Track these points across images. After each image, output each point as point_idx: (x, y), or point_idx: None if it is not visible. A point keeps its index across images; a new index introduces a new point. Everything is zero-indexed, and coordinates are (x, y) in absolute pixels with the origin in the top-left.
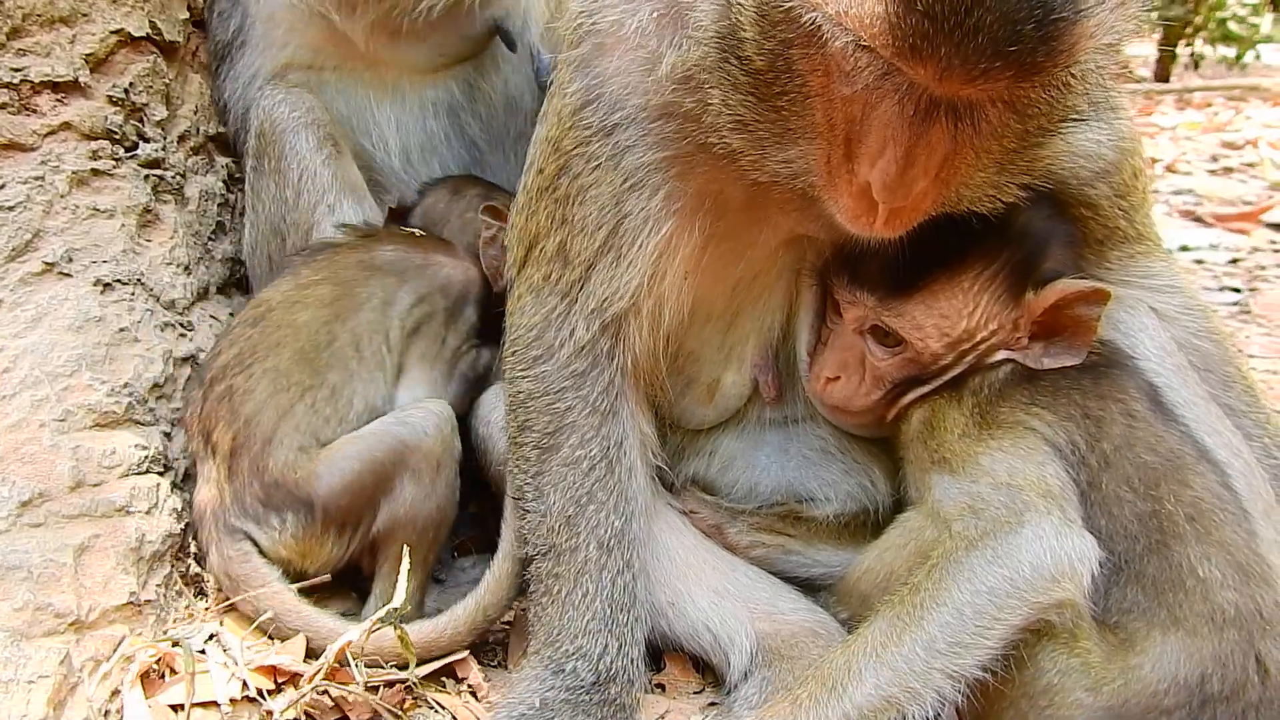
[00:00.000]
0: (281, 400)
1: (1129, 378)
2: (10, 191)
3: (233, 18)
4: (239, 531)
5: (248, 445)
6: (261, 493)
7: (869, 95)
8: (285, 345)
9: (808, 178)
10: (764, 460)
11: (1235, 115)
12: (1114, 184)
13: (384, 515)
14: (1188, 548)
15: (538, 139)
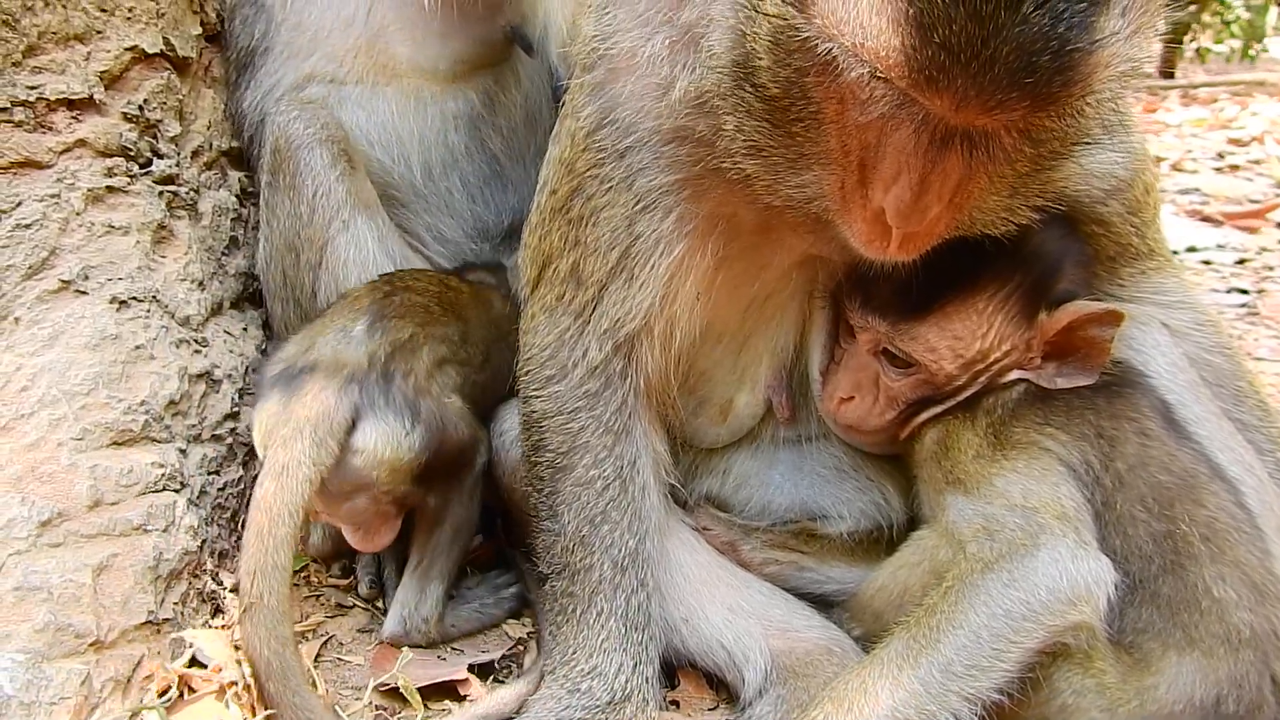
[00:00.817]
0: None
1: (1142, 396)
2: (26, 209)
3: (257, 24)
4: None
5: (424, 351)
6: (414, 394)
7: (884, 123)
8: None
9: (821, 202)
10: (778, 478)
11: (1241, 111)
12: (1126, 201)
13: (438, 496)
14: (1202, 568)
15: (551, 159)
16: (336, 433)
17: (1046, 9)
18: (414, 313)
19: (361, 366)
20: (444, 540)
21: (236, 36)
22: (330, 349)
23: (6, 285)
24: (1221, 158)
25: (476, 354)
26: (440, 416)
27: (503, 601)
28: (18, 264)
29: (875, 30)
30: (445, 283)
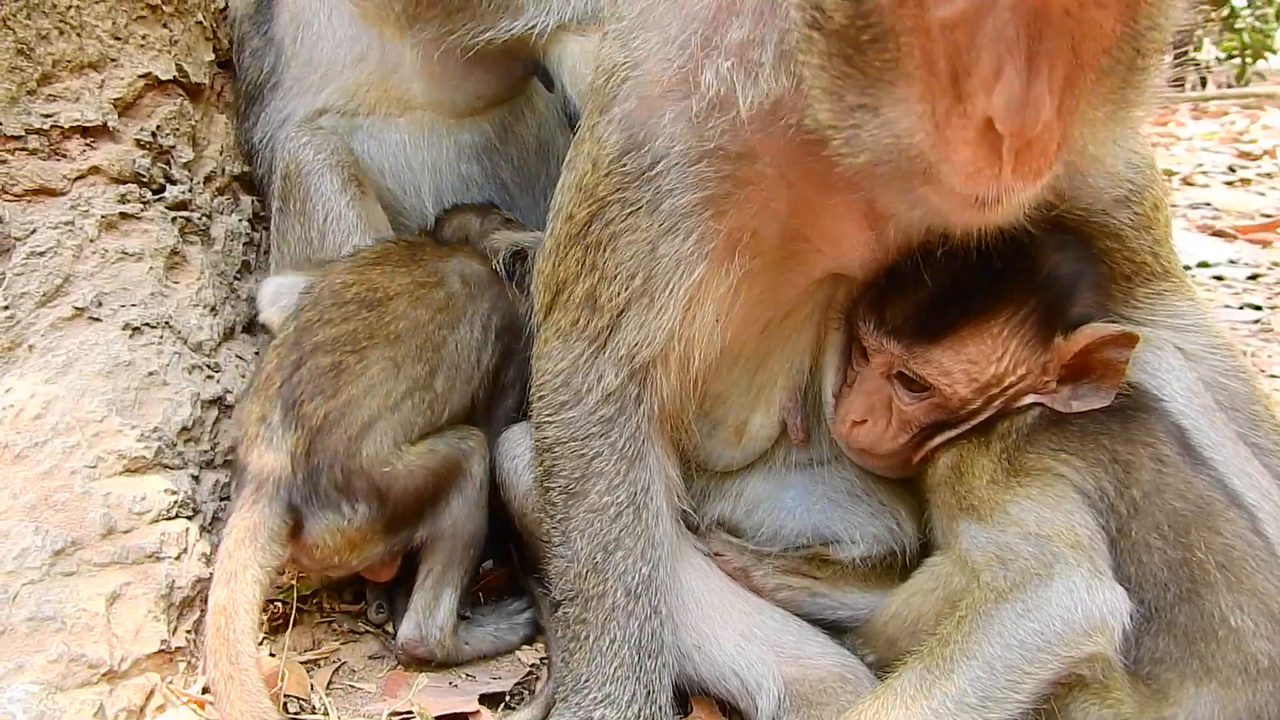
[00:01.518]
0: (393, 390)
1: (1157, 421)
2: (41, 237)
3: (266, 57)
4: (291, 509)
5: (342, 425)
6: (342, 478)
7: (971, 8)
8: (406, 339)
9: (912, 142)
10: (790, 503)
11: (1251, 124)
12: (1135, 213)
13: (431, 523)
14: (1219, 596)
15: (566, 185)
16: (278, 536)
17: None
18: (324, 381)
19: (286, 470)
20: (453, 550)
21: (246, 69)
22: (257, 454)
23: (21, 313)
24: (1232, 171)
25: (419, 370)
26: (381, 482)
27: (517, 627)
28: (32, 291)
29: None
30: (372, 290)
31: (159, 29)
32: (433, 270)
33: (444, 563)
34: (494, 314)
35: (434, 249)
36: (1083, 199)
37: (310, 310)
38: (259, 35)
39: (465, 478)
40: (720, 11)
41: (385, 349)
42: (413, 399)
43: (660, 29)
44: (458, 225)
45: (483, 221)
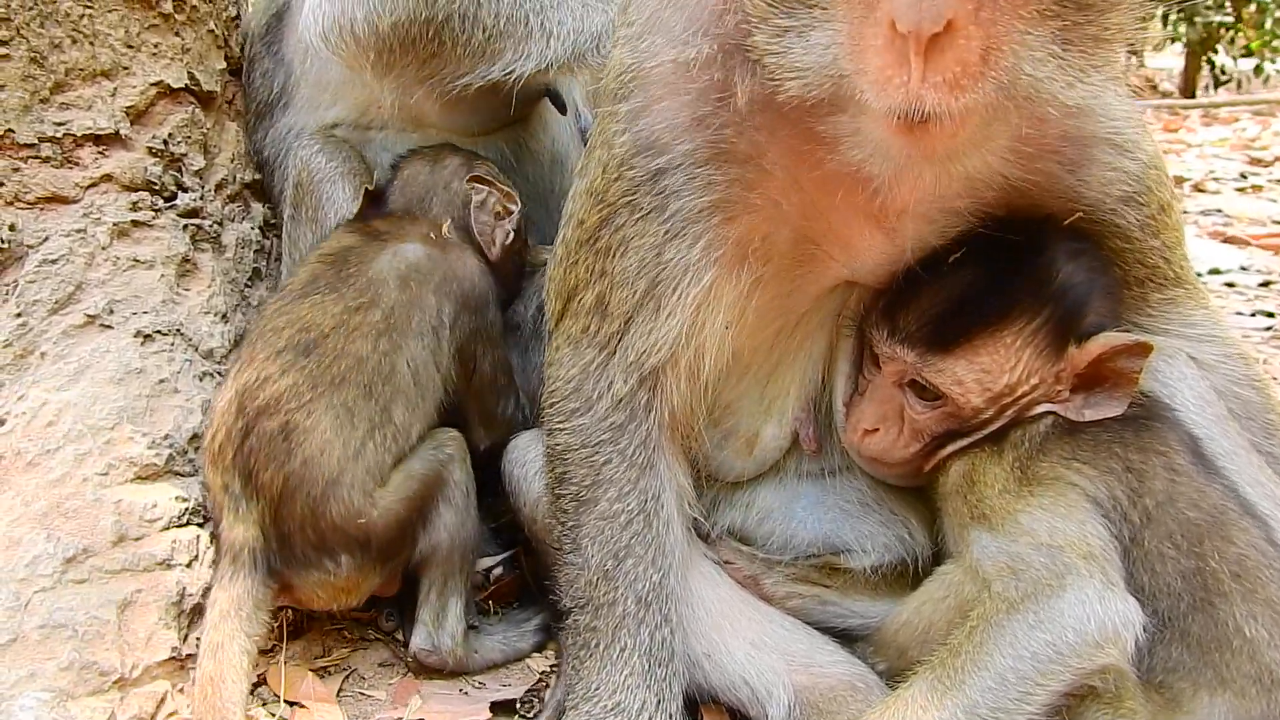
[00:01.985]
0: (349, 440)
1: (1170, 430)
2: (53, 244)
3: (276, 77)
4: (276, 573)
5: (304, 489)
6: (316, 538)
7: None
8: (349, 380)
9: (834, 58)
10: (801, 512)
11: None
12: (1143, 213)
13: (424, 543)
14: (1233, 606)
15: (577, 192)
16: (263, 604)
17: None
18: (276, 447)
19: (258, 541)
20: (451, 560)
21: (257, 88)
22: (227, 525)
23: (33, 320)
24: (1244, 178)
25: (373, 409)
26: (359, 532)
27: (527, 634)
28: (44, 299)
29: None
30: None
31: (171, 37)
32: (364, 286)
33: (444, 573)
34: (444, 302)
35: (363, 248)
36: (1087, 194)
37: (247, 369)
38: (270, 56)
39: (449, 487)
40: (722, 5)
41: (332, 396)
42: (374, 440)
43: (666, 30)
44: (408, 180)
45: (433, 170)
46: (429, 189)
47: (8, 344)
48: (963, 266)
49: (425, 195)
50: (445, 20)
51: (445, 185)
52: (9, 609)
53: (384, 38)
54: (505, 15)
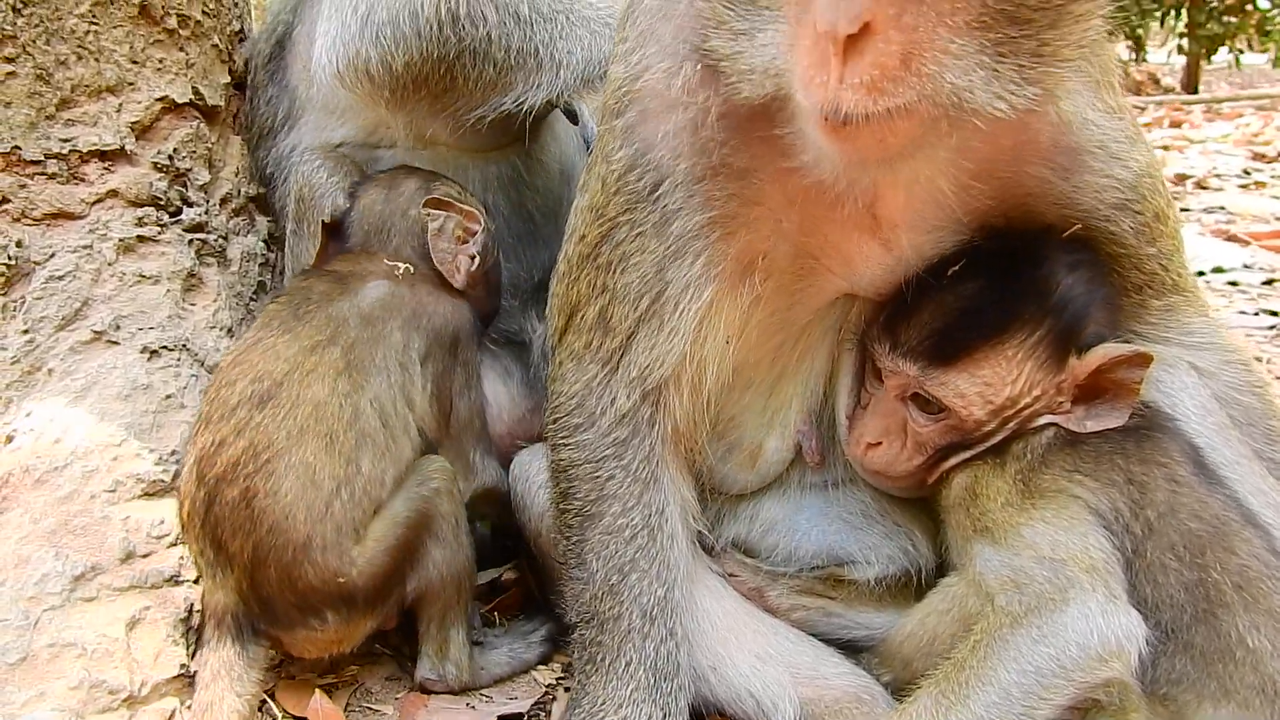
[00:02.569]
0: (314, 500)
1: (1171, 440)
2: (60, 261)
3: (280, 103)
4: (263, 635)
5: (275, 555)
6: (296, 599)
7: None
8: (309, 432)
9: (776, 59)
10: (804, 524)
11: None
12: (1138, 220)
13: (415, 583)
14: (1236, 617)
15: (579, 207)
16: (254, 663)
17: None
18: (239, 516)
19: (239, 607)
20: (446, 593)
21: (260, 114)
22: (208, 591)
23: (40, 337)
24: (1247, 174)
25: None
26: (342, 589)
27: (533, 646)
28: (51, 315)
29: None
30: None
31: (175, 52)
32: (322, 323)
33: (442, 607)
34: (413, 336)
35: (324, 288)
36: (1081, 201)
37: (204, 432)
38: (274, 83)
39: (436, 522)
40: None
41: (291, 455)
42: (341, 498)
43: (658, 42)
44: (364, 210)
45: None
46: (386, 219)
47: (15, 361)
48: (962, 279)
49: (383, 225)
50: (457, 57)
51: (403, 213)
52: (18, 628)
53: (398, 76)
54: (515, 49)
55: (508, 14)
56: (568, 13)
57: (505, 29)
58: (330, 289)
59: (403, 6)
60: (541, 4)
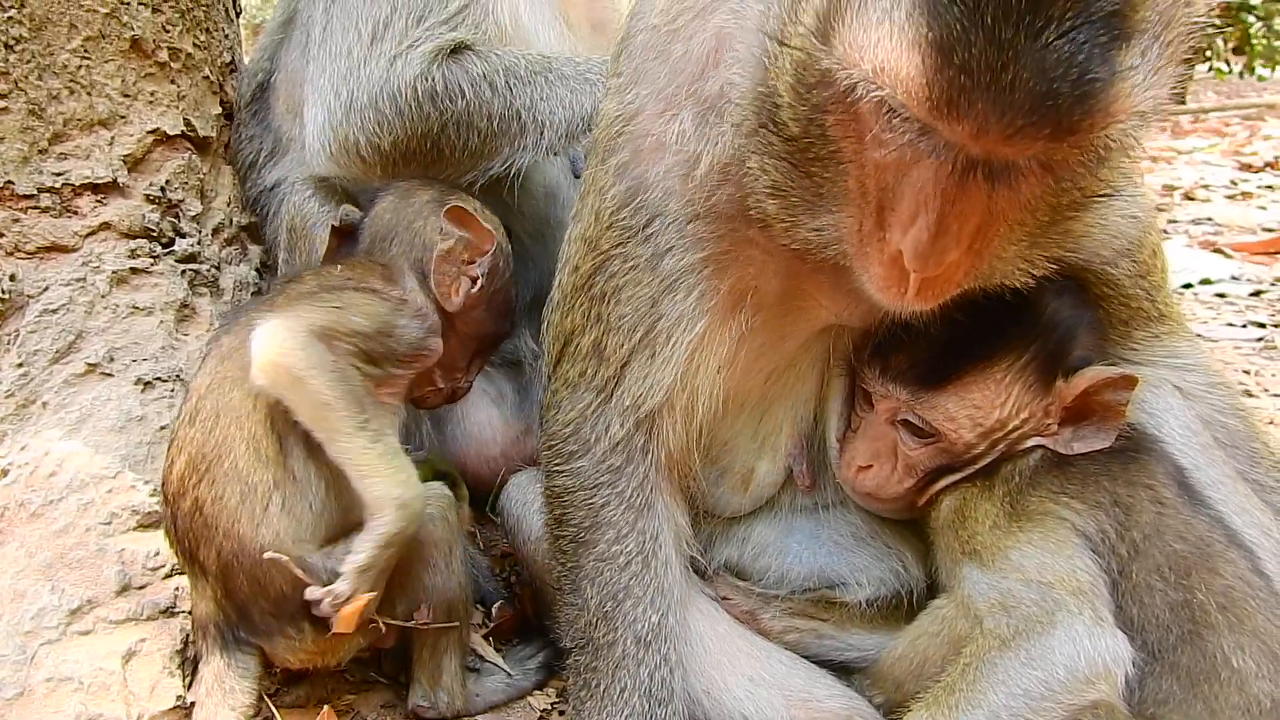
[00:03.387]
0: (255, 507)
1: (1156, 462)
2: (53, 294)
3: (264, 141)
4: (248, 644)
5: (238, 560)
6: (271, 606)
7: (903, 158)
8: (233, 440)
9: (840, 247)
10: (796, 547)
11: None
12: (1136, 262)
13: (405, 605)
14: (1221, 638)
15: (572, 237)
16: (247, 674)
17: (1067, 37)
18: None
19: (219, 617)
20: (439, 615)
21: (243, 150)
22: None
23: (34, 370)
24: (1234, 185)
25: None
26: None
27: (529, 673)
28: (45, 348)
29: (894, 55)
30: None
31: (167, 85)
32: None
33: (435, 633)
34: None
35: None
36: (1083, 254)
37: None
38: (256, 123)
39: (429, 548)
40: (706, 64)
41: (224, 461)
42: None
43: (651, 82)
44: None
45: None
46: (392, 227)
47: (9, 394)
48: (950, 305)
49: (387, 234)
50: (441, 130)
51: (408, 224)
52: (15, 663)
53: (386, 154)
54: (498, 116)
55: (485, 84)
56: (545, 74)
57: (484, 99)
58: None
59: (381, 89)
60: (519, 68)
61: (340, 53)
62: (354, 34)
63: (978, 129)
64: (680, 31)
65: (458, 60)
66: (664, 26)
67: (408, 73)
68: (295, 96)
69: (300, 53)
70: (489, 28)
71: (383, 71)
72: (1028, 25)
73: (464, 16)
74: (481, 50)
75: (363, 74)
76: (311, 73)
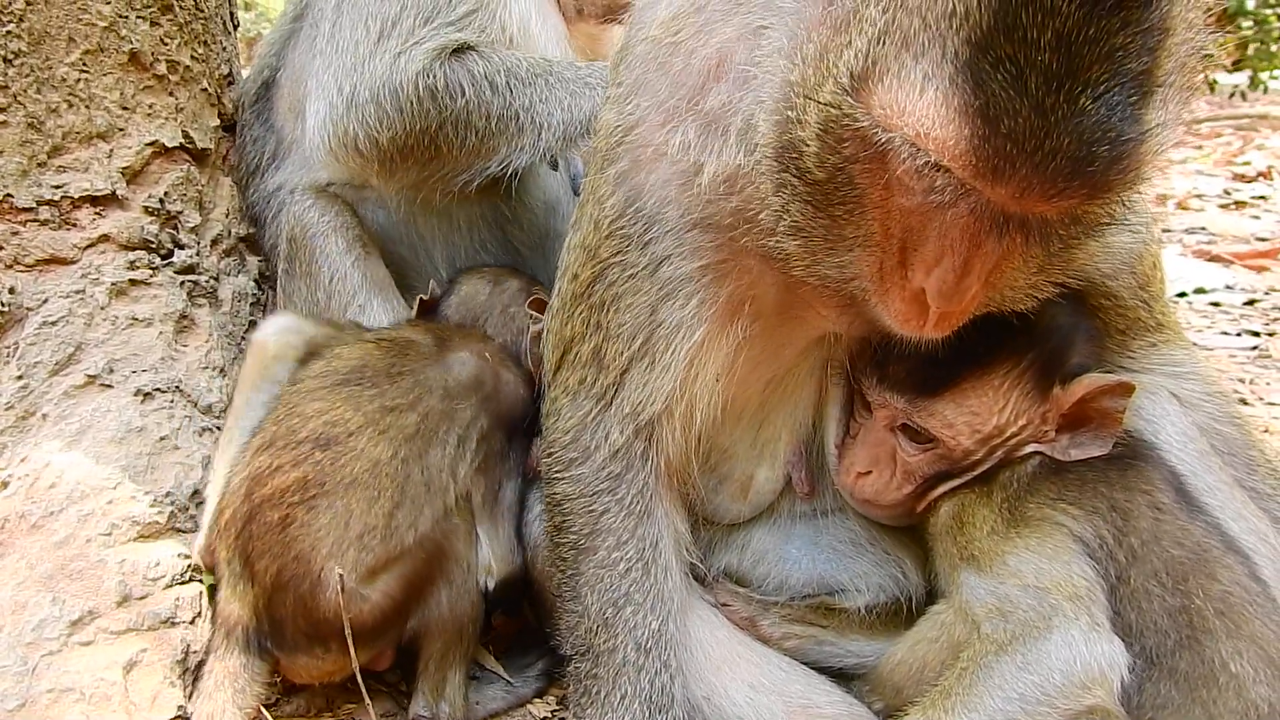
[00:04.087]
0: (340, 538)
1: (1154, 468)
2: (53, 306)
3: (266, 143)
4: (268, 654)
5: (295, 583)
6: (309, 628)
7: (933, 209)
8: (360, 485)
9: (859, 283)
10: (794, 553)
11: (1245, 145)
12: (1136, 274)
13: (417, 620)
14: (1219, 643)
15: (572, 245)
16: (257, 677)
17: (1102, 101)
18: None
19: (251, 622)
20: (448, 635)
21: (248, 152)
22: (224, 599)
23: (34, 382)
24: (1227, 195)
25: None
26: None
27: (529, 680)
28: (45, 360)
29: (940, 122)
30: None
31: (165, 97)
32: (409, 387)
33: (443, 647)
34: (480, 418)
35: (421, 348)
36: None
37: (264, 453)
38: (259, 123)
39: (449, 562)
40: (707, 78)
41: (336, 497)
42: (364, 539)
43: (652, 93)
44: (466, 297)
45: (492, 292)
46: (487, 309)
47: (9, 406)
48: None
49: (481, 315)
50: (439, 128)
51: (503, 309)
52: (17, 674)
53: (384, 150)
54: (496, 116)
55: (486, 84)
56: (546, 76)
57: (484, 98)
58: (428, 351)
59: (383, 85)
60: (520, 70)
61: (347, 48)
62: (362, 30)
63: (1021, 192)
64: (682, 45)
65: (460, 59)
66: (665, 39)
67: (410, 68)
68: (299, 93)
69: (308, 48)
70: (495, 32)
71: (386, 67)
72: (1067, 91)
73: (471, 19)
74: (484, 51)
75: (366, 69)
76: (317, 67)
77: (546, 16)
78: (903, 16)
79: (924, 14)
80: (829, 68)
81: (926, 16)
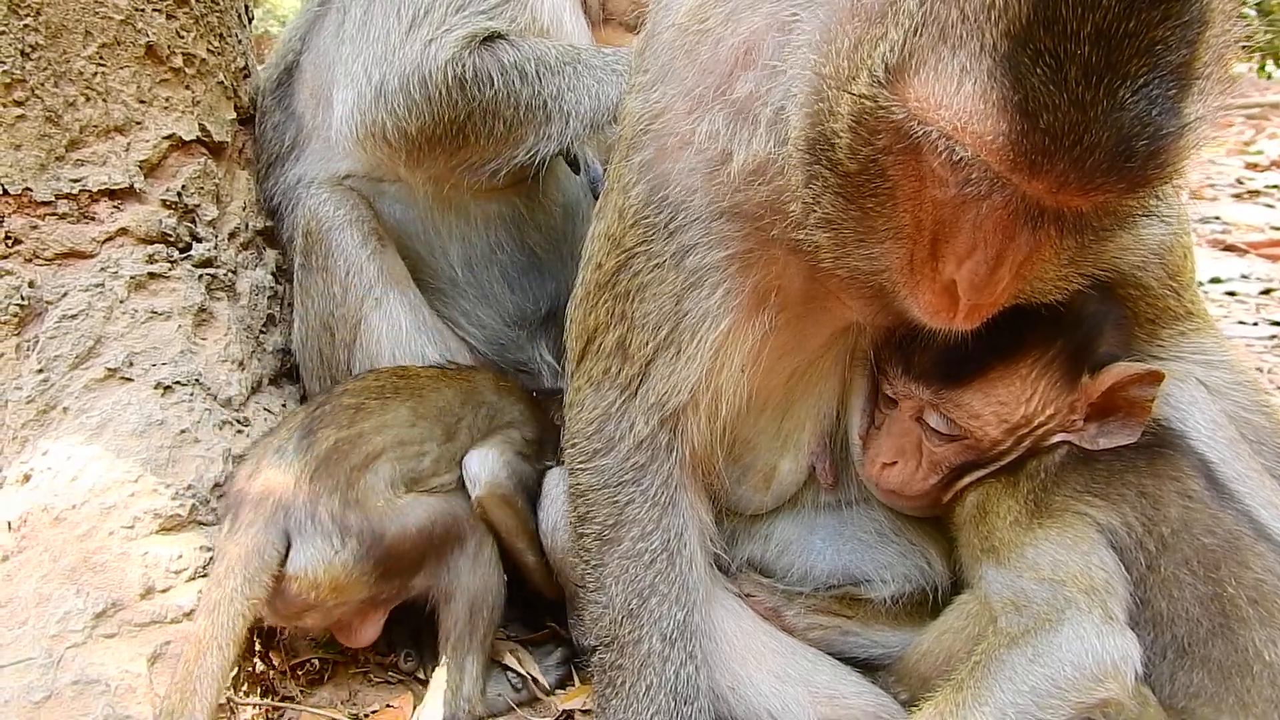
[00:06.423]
0: (404, 434)
1: (1183, 457)
2: (72, 300)
3: (287, 130)
4: (283, 532)
5: (347, 457)
6: (339, 508)
7: (966, 201)
8: (429, 399)
9: (889, 274)
10: (819, 544)
11: (1257, 135)
12: (1166, 265)
13: (426, 580)
14: (1252, 631)
15: (595, 234)
16: (269, 566)
17: (1141, 95)
18: (342, 415)
19: (288, 491)
20: (462, 614)
21: (268, 141)
22: (264, 476)
23: (55, 375)
24: (1240, 184)
25: (435, 430)
26: (375, 524)
27: (549, 670)
28: (65, 354)
29: (978, 116)
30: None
31: (182, 91)
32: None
33: (460, 628)
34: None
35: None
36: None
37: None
38: (280, 109)
39: (469, 536)
40: (735, 66)
41: (409, 401)
42: (423, 448)
43: (679, 81)
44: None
45: None
46: None
47: (30, 400)
48: None
49: None
50: (468, 118)
51: None
52: (42, 666)
53: (413, 140)
54: (524, 105)
55: (515, 72)
56: (575, 64)
57: (513, 87)
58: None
59: (412, 74)
60: (549, 57)
61: (378, 36)
62: (394, 18)
63: (1058, 186)
64: (710, 32)
65: (490, 48)
66: (691, 26)
67: (440, 56)
68: (323, 80)
69: (334, 34)
70: (526, 21)
71: (416, 55)
72: (1106, 85)
73: (504, 8)
74: (514, 39)
75: (396, 58)
76: (345, 54)
77: (577, 14)
78: (940, 8)
79: (962, 6)
80: (863, 59)
81: (965, 8)
